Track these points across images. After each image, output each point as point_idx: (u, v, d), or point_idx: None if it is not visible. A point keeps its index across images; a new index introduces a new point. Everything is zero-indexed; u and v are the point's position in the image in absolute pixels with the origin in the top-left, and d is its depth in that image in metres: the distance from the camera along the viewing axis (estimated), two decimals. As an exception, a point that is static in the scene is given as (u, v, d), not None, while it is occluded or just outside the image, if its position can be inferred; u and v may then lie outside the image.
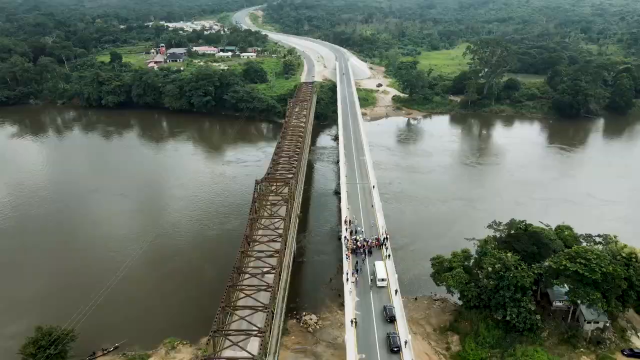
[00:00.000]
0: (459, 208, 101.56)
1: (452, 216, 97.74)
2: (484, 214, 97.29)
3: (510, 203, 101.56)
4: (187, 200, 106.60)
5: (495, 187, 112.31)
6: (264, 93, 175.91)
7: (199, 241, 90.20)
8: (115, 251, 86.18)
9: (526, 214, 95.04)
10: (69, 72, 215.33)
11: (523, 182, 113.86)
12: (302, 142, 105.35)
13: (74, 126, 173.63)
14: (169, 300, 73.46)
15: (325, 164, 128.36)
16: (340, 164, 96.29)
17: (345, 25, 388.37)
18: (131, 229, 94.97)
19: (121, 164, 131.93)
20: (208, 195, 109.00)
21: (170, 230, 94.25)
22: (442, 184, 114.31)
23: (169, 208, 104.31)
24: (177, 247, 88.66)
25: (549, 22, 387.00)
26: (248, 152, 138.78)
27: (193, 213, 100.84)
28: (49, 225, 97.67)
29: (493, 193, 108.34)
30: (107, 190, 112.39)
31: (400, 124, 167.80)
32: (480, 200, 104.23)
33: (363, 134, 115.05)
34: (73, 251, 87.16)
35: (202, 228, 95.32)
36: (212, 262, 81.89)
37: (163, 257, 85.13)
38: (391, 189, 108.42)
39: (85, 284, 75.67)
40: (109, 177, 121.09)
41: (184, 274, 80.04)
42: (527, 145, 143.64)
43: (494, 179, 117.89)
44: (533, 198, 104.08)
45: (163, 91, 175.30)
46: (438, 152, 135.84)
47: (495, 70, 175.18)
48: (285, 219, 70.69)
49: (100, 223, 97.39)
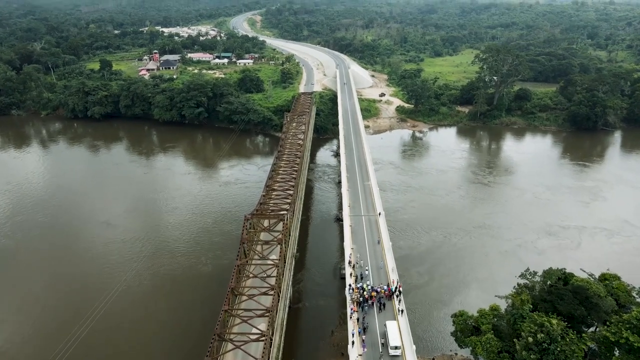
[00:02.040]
0: (482, 239, 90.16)
1: (474, 250, 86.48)
2: (510, 245, 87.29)
3: (538, 232, 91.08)
4: (179, 229, 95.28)
5: (518, 212, 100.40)
6: (260, 104, 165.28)
7: (190, 279, 79.05)
8: (95, 289, 75.36)
9: (559, 249, 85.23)
10: (57, 80, 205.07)
11: (548, 206, 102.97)
12: (300, 163, 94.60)
13: (57, 139, 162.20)
14: (147, 349, 63.07)
15: (325, 184, 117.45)
16: (342, 190, 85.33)
17: (345, 30, 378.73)
18: (115, 264, 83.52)
19: (107, 184, 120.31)
20: (203, 223, 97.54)
21: (159, 266, 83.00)
22: (459, 208, 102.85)
23: (160, 238, 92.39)
24: (166, 285, 77.78)
25: (554, 27, 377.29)
26: (245, 170, 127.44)
27: (186, 244, 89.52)
28: (21, 260, 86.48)
29: (517, 220, 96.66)
30: (90, 217, 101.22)
31: (405, 137, 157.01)
32: (504, 229, 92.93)
33: (367, 153, 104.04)
34: (41, 291, 76.20)
35: (195, 263, 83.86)
36: (204, 306, 70.68)
37: (148, 298, 74.37)
38: (401, 217, 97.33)
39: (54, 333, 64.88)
40: (92, 200, 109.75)
41: (169, 318, 69.32)
42: (545, 161, 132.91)
43: (515, 202, 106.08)
44: (563, 226, 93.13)
45: (152, 102, 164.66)
46: (449, 170, 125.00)
47: (506, 79, 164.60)
48: (278, 266, 59.74)
49: (75, 261, 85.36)
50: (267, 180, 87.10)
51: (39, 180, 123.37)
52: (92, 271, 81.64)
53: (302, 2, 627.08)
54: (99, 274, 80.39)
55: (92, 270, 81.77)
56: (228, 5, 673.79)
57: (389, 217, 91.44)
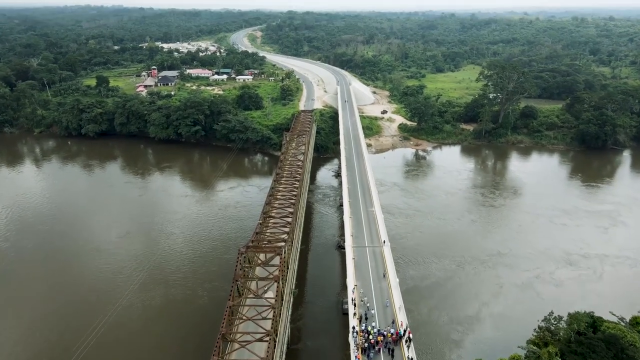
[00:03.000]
0: (496, 269, 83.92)
1: (487, 281, 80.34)
2: (526, 276, 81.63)
3: (557, 261, 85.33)
4: (175, 256, 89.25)
5: (533, 239, 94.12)
6: (259, 122, 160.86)
7: (184, 315, 73.01)
8: (76, 326, 69.29)
9: (579, 281, 79.32)
10: (53, 96, 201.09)
11: (565, 231, 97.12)
12: (300, 186, 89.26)
13: (50, 158, 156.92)
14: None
15: (325, 207, 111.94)
16: (344, 217, 79.69)
17: (346, 46, 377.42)
18: (104, 295, 77.36)
19: (100, 208, 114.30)
20: (200, 250, 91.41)
21: (151, 298, 77.00)
22: (470, 234, 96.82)
23: (153, 267, 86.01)
24: (158, 320, 71.86)
25: (555, 43, 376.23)
26: (245, 192, 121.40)
27: (181, 273, 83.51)
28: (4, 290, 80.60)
29: (533, 247, 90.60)
30: (80, 243, 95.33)
31: (408, 156, 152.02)
32: (520, 258, 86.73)
33: (370, 175, 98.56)
34: (17, 332, 70.12)
35: (191, 296, 77.84)
36: (197, 352, 64.57)
37: (137, 332, 68.38)
38: (408, 244, 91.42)
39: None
40: (83, 225, 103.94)
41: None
42: (556, 182, 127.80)
43: (529, 227, 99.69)
44: (582, 254, 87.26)
45: (148, 120, 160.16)
46: (457, 192, 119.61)
47: (512, 97, 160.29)
48: (275, 307, 53.95)
49: (56, 296, 78.45)
50: (264, 205, 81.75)
51: (28, 203, 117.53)
52: (76, 306, 75.55)
53: (302, 18, 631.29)
54: (84, 308, 74.29)
55: (77, 305, 75.70)
56: (229, 21, 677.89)
57: (396, 244, 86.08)
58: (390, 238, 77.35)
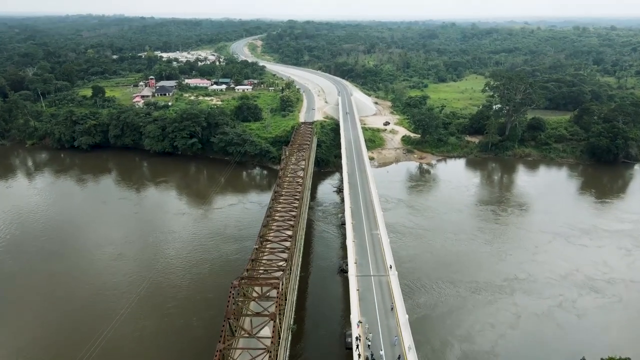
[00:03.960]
0: (513, 296, 77.51)
1: (504, 310, 74.04)
2: (546, 304, 76.07)
3: (579, 287, 79.55)
4: (169, 281, 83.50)
5: (552, 262, 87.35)
6: (258, 134, 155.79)
7: (176, 346, 67.05)
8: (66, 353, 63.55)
9: (604, 310, 72.97)
10: (47, 107, 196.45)
11: (586, 254, 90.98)
12: (300, 206, 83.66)
13: (42, 171, 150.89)
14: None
15: (327, 225, 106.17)
16: (347, 242, 73.76)
17: (347, 55, 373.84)
18: (92, 323, 71.32)
19: (93, 226, 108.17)
20: (196, 274, 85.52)
21: (141, 329, 71.05)
22: (485, 257, 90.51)
23: (146, 293, 79.85)
24: (146, 352, 66.14)
25: (558, 52, 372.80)
26: (245, 210, 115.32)
27: (176, 301, 77.61)
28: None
29: (552, 271, 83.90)
30: (68, 265, 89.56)
31: (412, 170, 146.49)
32: (540, 283, 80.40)
33: (374, 194, 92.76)
34: None
35: (184, 325, 71.55)
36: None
37: None
38: (418, 267, 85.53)
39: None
40: (74, 245, 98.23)
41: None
42: (568, 198, 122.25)
43: (547, 248, 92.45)
44: (607, 279, 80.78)
45: (143, 132, 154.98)
46: (465, 209, 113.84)
47: (519, 109, 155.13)
48: (270, 351, 48.06)
49: (33, 329, 72.16)
50: (261, 228, 76.19)
51: (17, 220, 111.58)
52: (61, 335, 69.60)
53: (303, 27, 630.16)
54: (67, 341, 68.31)
55: (62, 334, 69.77)
56: (229, 30, 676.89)
57: (404, 268, 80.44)
58: (398, 260, 71.68)
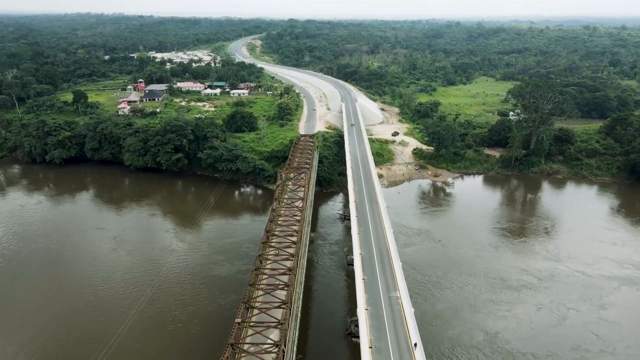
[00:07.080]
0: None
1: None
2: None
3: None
4: (146, 334, 67.23)
5: (630, 325, 71.51)
6: (252, 147, 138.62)
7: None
8: None
9: None
10: (25, 113, 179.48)
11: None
12: (298, 248, 66.61)
13: (6, 192, 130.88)
14: None
15: (328, 266, 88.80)
16: (358, 312, 56.05)
17: (349, 56, 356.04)
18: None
19: (66, 261, 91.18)
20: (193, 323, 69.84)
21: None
22: (542, 318, 73.10)
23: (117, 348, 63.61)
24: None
25: (570, 53, 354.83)
26: (239, 241, 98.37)
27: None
28: None
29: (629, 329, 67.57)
30: (39, 304, 73.70)
31: (427, 190, 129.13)
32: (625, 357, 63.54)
33: (389, 235, 74.52)
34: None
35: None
36: None
37: None
38: (454, 335, 68.10)
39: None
40: (40, 289, 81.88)
41: None
42: (617, 226, 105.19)
43: (618, 303, 76.45)
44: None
45: (123, 145, 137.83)
46: (501, 245, 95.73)
47: (547, 120, 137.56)
48: None
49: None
50: (251, 273, 59.75)
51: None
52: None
53: (304, 26, 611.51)
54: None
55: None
56: (228, 29, 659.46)
57: (440, 335, 63.02)
58: (432, 321, 53.96)
